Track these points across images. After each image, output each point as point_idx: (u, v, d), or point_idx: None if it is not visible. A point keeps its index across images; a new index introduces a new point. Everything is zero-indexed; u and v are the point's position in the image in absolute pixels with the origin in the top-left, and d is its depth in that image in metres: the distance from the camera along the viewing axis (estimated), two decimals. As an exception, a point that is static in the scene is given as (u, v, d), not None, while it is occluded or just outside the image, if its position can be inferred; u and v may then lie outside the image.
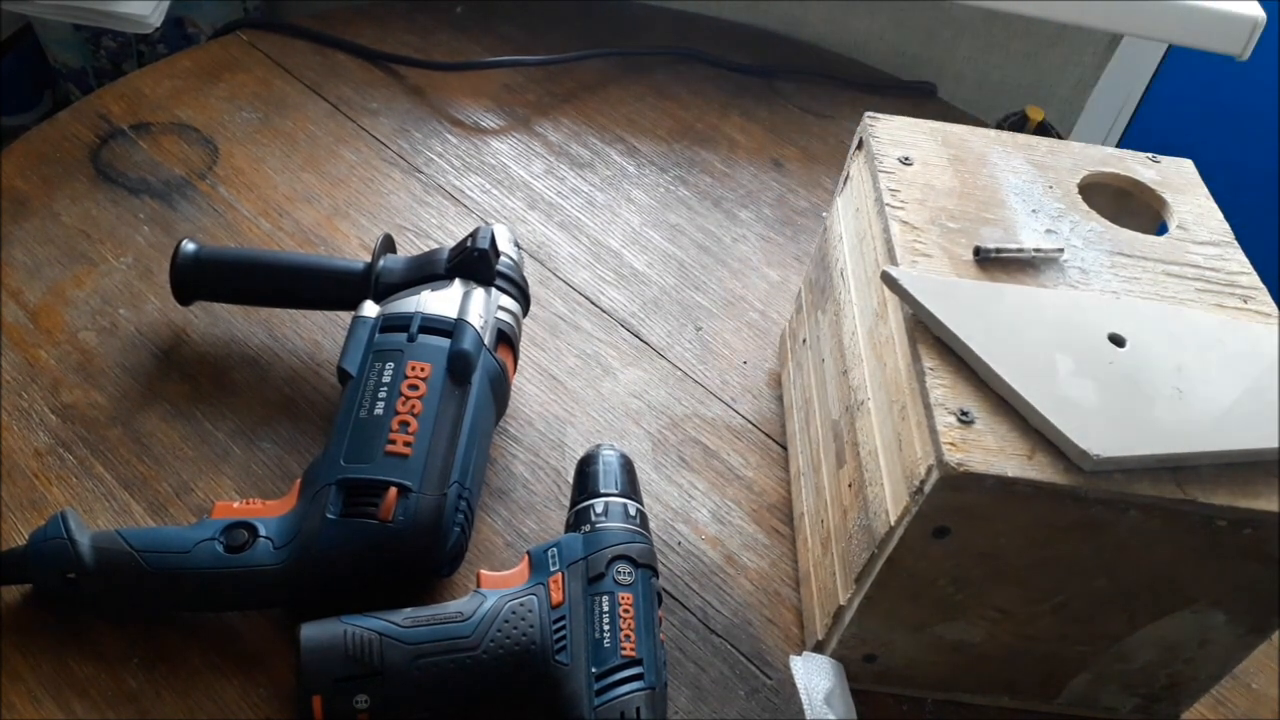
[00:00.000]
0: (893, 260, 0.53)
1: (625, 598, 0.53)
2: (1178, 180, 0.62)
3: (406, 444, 0.57)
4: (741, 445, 0.71)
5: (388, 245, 0.69)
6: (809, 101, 0.99)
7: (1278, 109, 1.64)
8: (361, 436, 0.57)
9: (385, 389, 0.59)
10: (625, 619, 0.53)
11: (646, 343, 0.76)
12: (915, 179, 0.58)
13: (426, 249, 0.74)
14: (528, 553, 0.56)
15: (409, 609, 0.53)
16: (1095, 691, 0.58)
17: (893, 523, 0.49)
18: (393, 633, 0.51)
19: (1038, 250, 0.54)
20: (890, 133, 0.60)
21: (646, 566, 0.55)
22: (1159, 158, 0.63)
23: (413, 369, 0.60)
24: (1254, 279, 0.56)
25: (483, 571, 0.56)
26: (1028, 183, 0.59)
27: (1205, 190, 0.61)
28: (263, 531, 0.55)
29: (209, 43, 0.96)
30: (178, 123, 0.86)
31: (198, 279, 0.68)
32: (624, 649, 0.52)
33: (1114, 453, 0.45)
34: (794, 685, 0.55)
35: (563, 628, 0.52)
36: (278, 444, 0.66)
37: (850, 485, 0.56)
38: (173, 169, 0.82)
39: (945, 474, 0.44)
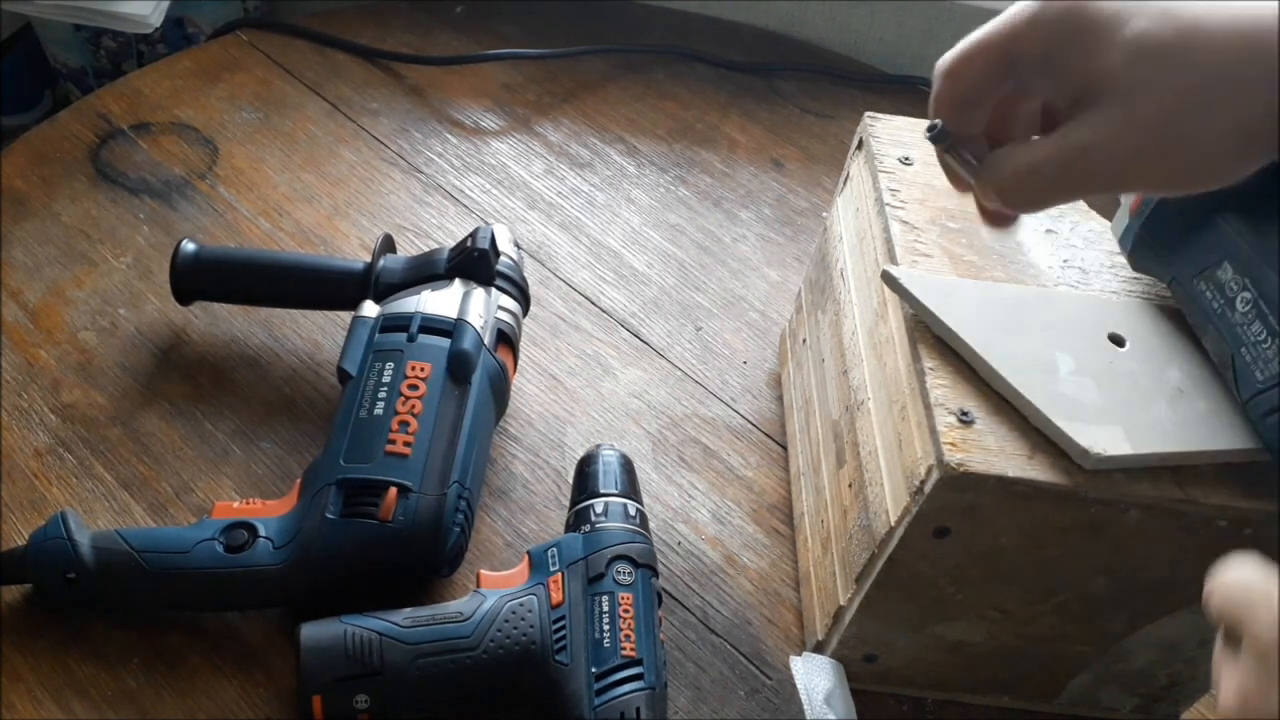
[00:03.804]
0: (893, 260, 0.53)
1: (625, 598, 0.53)
2: (1178, 180, 0.62)
3: (406, 444, 0.57)
4: (741, 445, 0.71)
5: (388, 245, 0.69)
6: (809, 101, 0.99)
7: (1278, 109, 1.64)
8: (361, 436, 0.57)
9: (385, 389, 0.59)
10: (625, 619, 0.53)
11: (646, 343, 0.76)
12: (915, 179, 0.58)
13: (426, 249, 0.74)
14: (528, 553, 0.56)
15: (409, 609, 0.53)
16: (1095, 691, 0.58)
17: (893, 523, 0.49)
18: (393, 633, 0.51)
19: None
20: (890, 133, 0.60)
21: (646, 566, 0.55)
22: (1159, 158, 0.63)
23: (413, 369, 0.60)
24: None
25: (483, 571, 0.56)
26: (1028, 183, 0.59)
27: (1205, 190, 0.61)
28: (263, 531, 0.55)
29: (209, 43, 0.96)
30: (178, 123, 0.86)
31: (198, 279, 0.68)
32: (624, 649, 0.52)
33: (1114, 452, 0.45)
34: (794, 685, 0.55)
35: (563, 628, 0.52)
36: (277, 444, 0.66)
37: (850, 485, 0.56)
38: (173, 169, 0.82)
39: (945, 474, 0.44)
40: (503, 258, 0.67)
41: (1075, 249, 0.55)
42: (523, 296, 0.68)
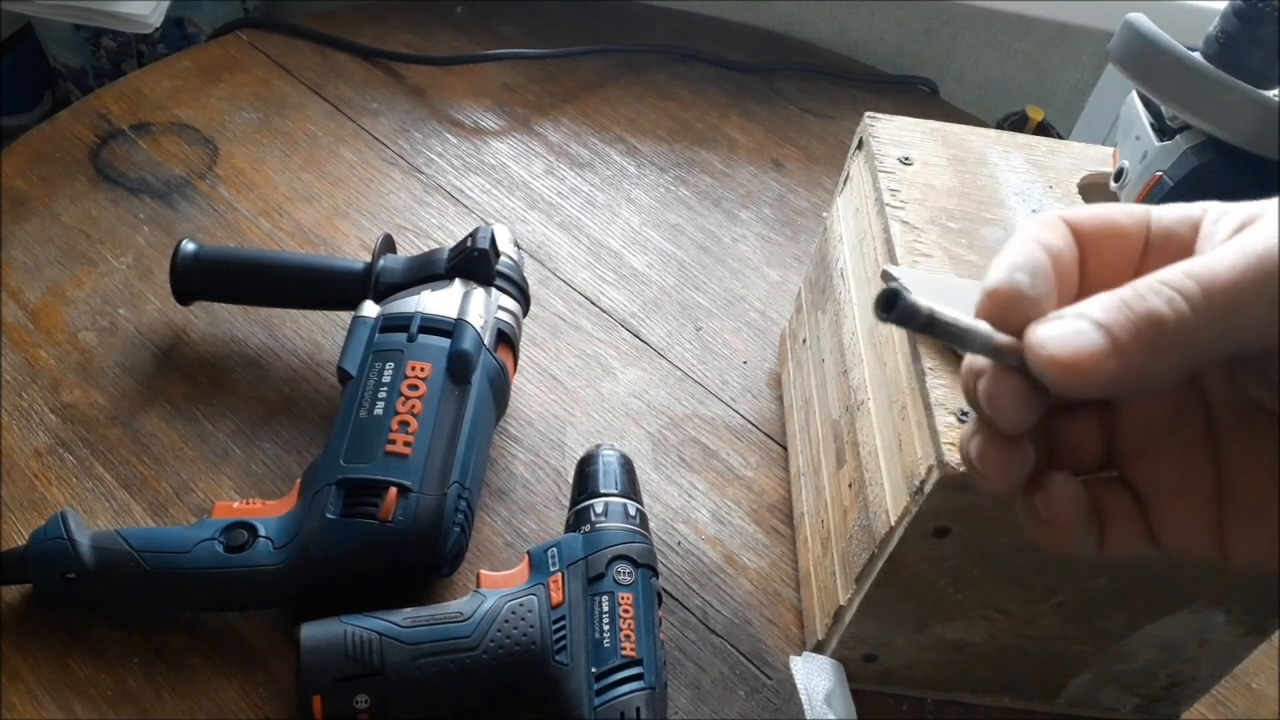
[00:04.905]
0: (893, 260, 0.53)
1: (625, 598, 0.53)
2: (1178, 180, 0.62)
3: (406, 444, 0.57)
4: (741, 445, 0.71)
5: (388, 245, 0.69)
6: (809, 101, 0.99)
7: (1278, 109, 1.64)
8: (361, 436, 0.57)
9: (385, 389, 0.59)
10: (625, 619, 0.53)
11: (646, 343, 0.76)
12: (915, 179, 0.58)
13: (426, 249, 0.74)
14: (528, 553, 0.56)
15: (409, 609, 0.53)
16: (1095, 691, 0.58)
17: (893, 523, 0.49)
18: (393, 633, 0.51)
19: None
20: (890, 133, 0.60)
21: (646, 566, 0.55)
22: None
23: (413, 369, 0.60)
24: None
25: (483, 571, 0.56)
26: (1028, 182, 0.59)
27: (1205, 190, 0.61)
28: (263, 531, 0.55)
29: (209, 43, 0.96)
30: (178, 123, 0.86)
31: (198, 279, 0.68)
32: (624, 649, 0.52)
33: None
34: (794, 685, 0.55)
35: (563, 628, 0.52)
36: (277, 444, 0.66)
37: (850, 485, 0.56)
38: (173, 169, 0.82)
39: (945, 474, 0.44)
40: (503, 258, 0.66)
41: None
42: (523, 296, 0.68)
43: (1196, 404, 0.30)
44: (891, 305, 0.27)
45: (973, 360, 0.30)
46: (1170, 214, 0.30)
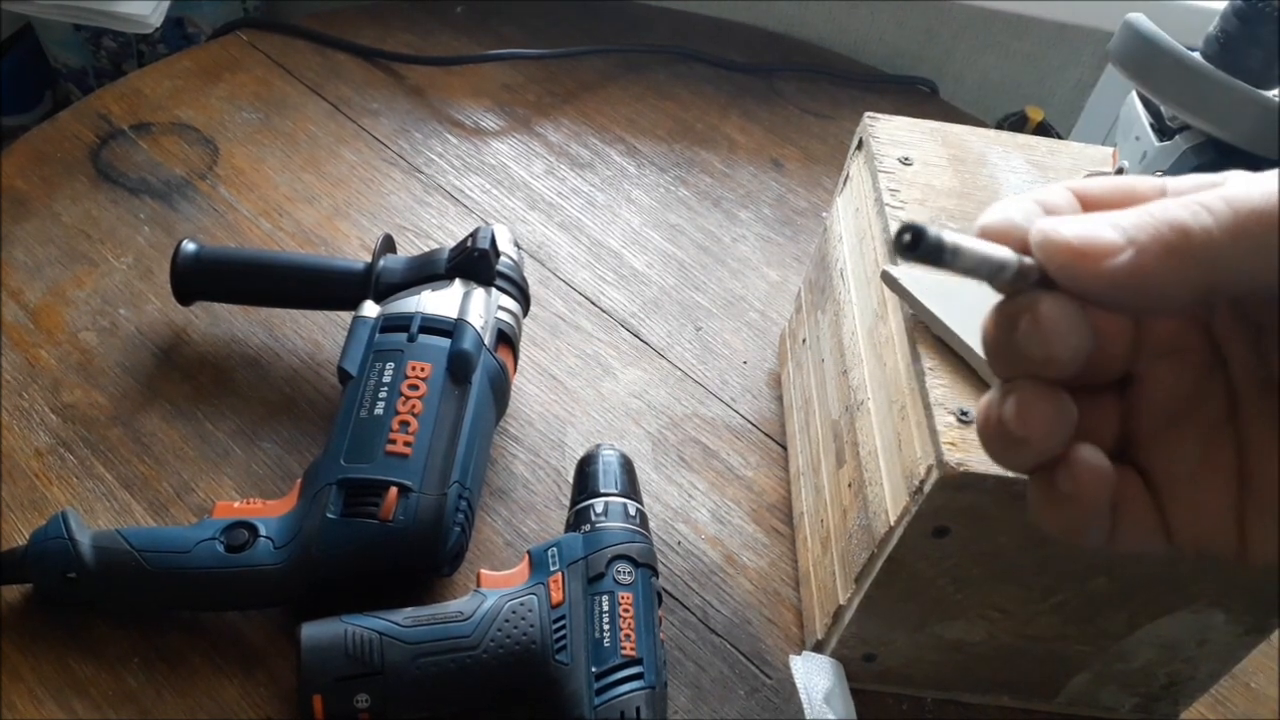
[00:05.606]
0: (893, 260, 0.53)
1: (625, 597, 0.53)
2: (1177, 180, 0.62)
3: (407, 444, 0.57)
4: (741, 445, 0.71)
5: (388, 245, 0.69)
6: (809, 101, 0.99)
7: (1277, 109, 1.63)
8: (362, 436, 0.57)
9: (385, 389, 0.59)
10: (625, 618, 0.53)
11: (646, 343, 0.76)
12: (915, 179, 0.58)
13: (426, 249, 0.74)
14: (528, 552, 0.56)
15: (409, 608, 0.53)
16: (1095, 691, 0.58)
17: (892, 523, 0.49)
18: (393, 632, 0.51)
19: None
20: (890, 133, 0.61)
21: (646, 566, 0.55)
22: (1158, 158, 0.63)
23: (413, 369, 0.60)
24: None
25: (483, 571, 0.56)
26: (1028, 183, 0.59)
27: (1205, 190, 0.61)
28: (263, 531, 0.55)
29: (209, 43, 0.96)
30: (178, 123, 0.86)
31: (198, 279, 0.68)
32: (624, 648, 0.52)
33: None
34: (794, 685, 0.55)
35: (563, 627, 0.52)
36: (278, 444, 0.66)
37: (850, 485, 0.56)
38: (173, 169, 0.82)
39: (945, 474, 0.44)
40: (503, 258, 0.67)
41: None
42: (523, 296, 0.68)
43: (1219, 383, 0.29)
44: (917, 243, 0.26)
45: (1003, 308, 0.28)
46: (1188, 181, 0.28)
